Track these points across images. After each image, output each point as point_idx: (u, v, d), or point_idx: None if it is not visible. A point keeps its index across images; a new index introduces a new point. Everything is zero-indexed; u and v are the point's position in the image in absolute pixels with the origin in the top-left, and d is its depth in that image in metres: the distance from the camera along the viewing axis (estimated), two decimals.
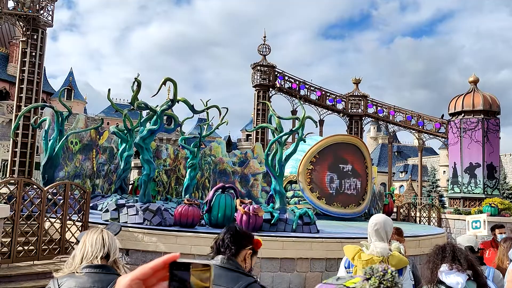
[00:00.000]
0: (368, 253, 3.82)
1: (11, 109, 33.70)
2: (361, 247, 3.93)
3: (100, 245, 2.46)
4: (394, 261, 3.77)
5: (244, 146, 61.11)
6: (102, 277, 2.33)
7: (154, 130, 11.09)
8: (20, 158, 16.35)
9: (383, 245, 3.86)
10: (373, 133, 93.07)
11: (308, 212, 11.57)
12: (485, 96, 22.78)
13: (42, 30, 17.32)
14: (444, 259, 3.29)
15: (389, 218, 4.19)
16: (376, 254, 3.78)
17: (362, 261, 3.76)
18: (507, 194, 46.62)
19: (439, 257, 3.33)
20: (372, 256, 3.78)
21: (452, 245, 3.41)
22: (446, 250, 3.34)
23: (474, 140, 22.27)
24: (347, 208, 17.57)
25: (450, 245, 3.40)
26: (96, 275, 2.34)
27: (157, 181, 17.84)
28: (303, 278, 10.02)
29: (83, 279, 2.33)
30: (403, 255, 3.96)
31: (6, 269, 8.25)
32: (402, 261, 3.83)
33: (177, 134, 42.97)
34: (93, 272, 2.35)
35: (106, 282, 2.30)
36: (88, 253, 2.45)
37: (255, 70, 27.71)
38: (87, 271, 2.37)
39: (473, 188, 22.10)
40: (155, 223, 10.22)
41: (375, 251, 3.80)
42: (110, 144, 17.48)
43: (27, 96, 16.85)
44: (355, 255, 3.85)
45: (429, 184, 54.43)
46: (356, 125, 28.88)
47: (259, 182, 19.31)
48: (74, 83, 54.09)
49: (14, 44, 41.65)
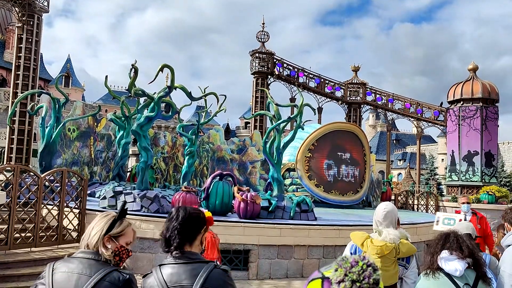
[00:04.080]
0: (381, 239, 3.78)
1: (8, 96, 33.50)
2: (369, 234, 3.89)
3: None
4: (404, 248, 3.76)
5: (243, 134, 61.05)
6: (92, 264, 2.29)
7: (152, 117, 11.02)
8: (17, 145, 16.29)
9: (395, 232, 3.82)
10: (372, 121, 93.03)
11: (306, 200, 11.57)
12: (484, 84, 22.71)
13: (38, 15, 17.13)
14: (445, 245, 3.28)
15: (394, 206, 4.17)
16: (390, 240, 3.75)
17: (376, 246, 3.73)
18: (504, 182, 46.78)
19: (441, 243, 3.32)
20: (386, 242, 3.74)
21: (455, 233, 3.40)
22: (449, 237, 3.33)
23: (473, 128, 22.25)
24: (345, 196, 17.60)
25: (453, 233, 3.39)
26: (87, 261, 2.30)
27: (155, 169, 17.81)
28: (300, 265, 10.06)
29: (74, 265, 2.29)
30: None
31: (4, 256, 8.25)
32: (412, 248, 3.82)
33: (176, 122, 42.87)
34: (84, 258, 2.32)
35: (95, 269, 2.26)
36: (90, 237, 2.41)
37: (253, 57, 27.54)
38: (80, 256, 2.33)
39: (471, 176, 22.14)
40: (153, 210, 10.22)
41: (388, 237, 3.76)
42: (108, 131, 17.42)
43: (24, 83, 16.72)
44: (364, 241, 3.81)
45: (427, 172, 54.55)
46: (354, 112, 28.82)
47: (257, 169, 19.30)
48: (72, 70, 53.84)
49: (10, 30, 41.30)
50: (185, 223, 2.49)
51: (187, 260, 2.40)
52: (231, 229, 9.74)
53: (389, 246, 3.71)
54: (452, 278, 3.19)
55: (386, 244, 3.72)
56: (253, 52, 27.56)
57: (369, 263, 1.39)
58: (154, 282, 2.35)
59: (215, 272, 2.35)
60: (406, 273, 3.81)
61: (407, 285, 3.79)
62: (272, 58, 27.44)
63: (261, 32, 27.83)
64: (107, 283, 2.22)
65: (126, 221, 2.50)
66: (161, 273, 2.37)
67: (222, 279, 2.35)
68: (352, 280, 1.34)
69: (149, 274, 2.43)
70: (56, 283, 2.23)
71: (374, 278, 1.36)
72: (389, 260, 3.70)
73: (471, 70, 23.40)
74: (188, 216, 2.52)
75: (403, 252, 3.75)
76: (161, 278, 2.34)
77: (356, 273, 1.35)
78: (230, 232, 9.60)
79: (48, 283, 2.23)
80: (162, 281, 2.33)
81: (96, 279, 2.21)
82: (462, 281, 3.18)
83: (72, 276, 2.24)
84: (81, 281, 2.21)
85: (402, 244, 3.77)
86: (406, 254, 3.77)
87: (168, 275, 2.35)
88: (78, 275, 2.23)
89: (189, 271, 2.34)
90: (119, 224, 2.44)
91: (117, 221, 2.44)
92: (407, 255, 3.79)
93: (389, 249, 3.69)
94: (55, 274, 2.26)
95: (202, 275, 2.31)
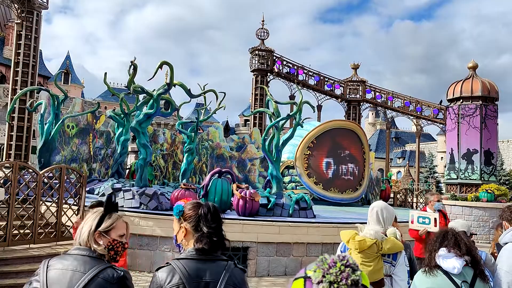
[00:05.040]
0: (362, 235, 3.80)
1: (7, 93, 33.46)
2: (356, 231, 3.92)
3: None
4: (388, 245, 3.75)
5: (242, 132, 61.04)
6: (86, 261, 2.27)
7: (151, 114, 11.00)
8: (16, 142, 16.26)
9: (376, 228, 3.84)
10: (372, 118, 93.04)
11: (304, 197, 11.57)
12: (484, 82, 22.69)
13: (37, 12, 17.09)
14: (443, 243, 3.29)
15: (389, 206, 4.16)
16: (369, 236, 3.76)
17: (355, 242, 3.75)
18: (504, 180, 46.83)
19: (438, 241, 3.33)
20: (365, 238, 3.76)
21: (454, 230, 3.40)
22: (447, 235, 3.33)
23: (472, 126, 22.22)
24: (344, 194, 17.60)
25: (452, 230, 3.40)
26: (81, 258, 2.29)
27: (154, 166, 17.81)
28: (299, 263, 10.06)
29: (68, 262, 2.27)
30: (399, 240, 3.94)
31: (2, 252, 8.25)
32: (397, 245, 3.81)
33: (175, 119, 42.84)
34: (79, 255, 2.31)
35: (89, 265, 2.25)
36: (81, 234, 2.40)
37: (253, 54, 27.51)
38: (75, 253, 2.32)
39: (470, 174, 22.13)
40: (152, 207, 10.22)
41: (368, 233, 3.79)
42: (107, 128, 17.41)
43: (23, 80, 16.68)
44: (349, 239, 3.83)
45: (427, 170, 54.62)
46: (354, 110, 28.81)
47: (257, 167, 19.30)
48: (71, 67, 53.72)
49: (10, 27, 41.23)
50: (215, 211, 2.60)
51: (210, 257, 2.39)
52: (229, 226, 9.68)
53: (368, 241, 3.72)
54: (450, 276, 3.19)
55: (365, 239, 3.74)
56: (253, 49, 27.53)
57: (347, 263, 1.37)
58: (175, 276, 2.28)
59: (236, 270, 2.38)
60: (394, 270, 3.81)
61: (396, 283, 3.79)
62: (271, 56, 27.41)
63: (261, 29, 27.79)
64: (101, 280, 2.20)
65: (115, 214, 2.46)
66: (183, 266, 2.32)
67: (242, 278, 2.38)
68: (329, 282, 1.33)
69: (166, 266, 2.34)
70: (50, 280, 2.22)
71: (353, 279, 1.35)
72: (371, 256, 3.70)
73: (471, 68, 23.37)
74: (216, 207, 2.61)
75: (386, 249, 3.74)
76: (184, 271, 2.29)
77: (333, 274, 1.34)
78: (228, 230, 9.41)
79: (42, 280, 2.22)
80: (186, 274, 2.28)
81: (90, 276, 2.20)
82: (460, 278, 3.18)
83: (66, 273, 2.22)
84: (75, 278, 2.20)
85: (386, 241, 3.77)
86: (390, 251, 3.76)
87: (189, 269, 2.31)
88: (72, 272, 2.22)
89: (213, 267, 2.34)
90: (108, 218, 2.41)
91: (105, 216, 2.41)
92: (391, 252, 3.78)
93: (368, 244, 3.70)
94: (50, 271, 2.25)
95: (226, 273, 2.32)
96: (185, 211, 2.55)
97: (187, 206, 2.57)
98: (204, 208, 2.55)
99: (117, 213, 2.50)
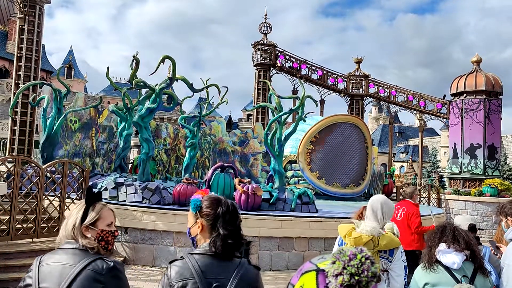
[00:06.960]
0: (358, 232, 3.80)
1: (10, 88, 33.52)
2: (353, 226, 3.91)
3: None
4: (384, 241, 3.75)
5: (245, 126, 61.00)
6: (76, 253, 2.27)
7: (153, 108, 11.00)
8: (19, 136, 16.28)
9: (373, 224, 3.83)
10: (375, 113, 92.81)
11: (307, 192, 11.57)
12: (488, 76, 22.56)
13: (39, 6, 17.06)
14: (442, 238, 3.28)
15: (389, 200, 4.14)
16: (366, 232, 3.76)
17: (351, 239, 3.75)
18: (507, 175, 46.66)
19: (438, 236, 3.32)
20: (361, 234, 3.75)
21: (452, 225, 3.39)
22: (446, 230, 3.32)
23: (476, 121, 22.13)
24: (346, 188, 17.59)
25: (450, 225, 3.38)
26: (71, 251, 2.29)
27: (157, 160, 17.83)
28: (301, 257, 10.07)
29: (59, 255, 2.27)
30: (396, 236, 3.93)
31: (5, 246, 8.29)
32: (394, 241, 3.80)
33: (177, 113, 42.85)
34: (69, 248, 2.30)
35: (78, 258, 2.25)
36: (66, 228, 2.39)
37: (255, 49, 27.41)
38: (65, 247, 2.32)
39: (473, 169, 22.07)
40: (154, 201, 10.24)
41: (365, 229, 3.78)
42: (110, 122, 17.41)
43: (26, 74, 16.67)
44: (346, 234, 3.83)
45: (430, 165, 54.46)
46: (357, 105, 28.71)
47: (259, 161, 19.30)
48: (74, 61, 53.71)
49: (13, 22, 41.22)
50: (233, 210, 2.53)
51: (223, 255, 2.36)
52: None
53: (364, 238, 3.72)
54: (450, 271, 3.19)
55: (361, 236, 3.73)
56: (255, 43, 27.43)
57: (367, 256, 1.38)
58: (187, 272, 2.24)
59: (250, 268, 2.34)
60: (390, 266, 3.81)
61: (393, 279, 3.79)
62: (274, 50, 27.31)
63: (264, 23, 27.68)
64: (90, 271, 2.19)
65: (99, 204, 2.43)
66: (196, 262, 2.28)
67: (255, 276, 2.35)
68: (350, 274, 1.33)
69: (179, 260, 2.31)
70: (42, 274, 2.22)
71: (373, 271, 1.35)
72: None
73: (475, 62, 23.24)
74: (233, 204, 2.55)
75: (383, 245, 3.74)
76: (197, 267, 2.26)
77: (355, 267, 1.34)
78: None
79: (34, 275, 2.22)
80: (199, 270, 2.25)
81: (79, 268, 2.19)
82: (460, 273, 3.17)
83: (57, 267, 2.22)
84: (65, 271, 2.19)
85: (383, 236, 3.76)
86: (386, 247, 3.76)
87: (202, 265, 2.27)
88: (62, 265, 2.21)
89: (226, 265, 2.31)
90: (92, 210, 2.39)
91: (88, 208, 2.39)
92: (387, 248, 3.78)
93: (365, 241, 3.70)
94: (42, 266, 2.25)
95: (239, 271, 2.29)
96: (202, 207, 2.43)
97: (205, 202, 2.44)
98: (223, 207, 2.42)
99: (101, 202, 2.46)
